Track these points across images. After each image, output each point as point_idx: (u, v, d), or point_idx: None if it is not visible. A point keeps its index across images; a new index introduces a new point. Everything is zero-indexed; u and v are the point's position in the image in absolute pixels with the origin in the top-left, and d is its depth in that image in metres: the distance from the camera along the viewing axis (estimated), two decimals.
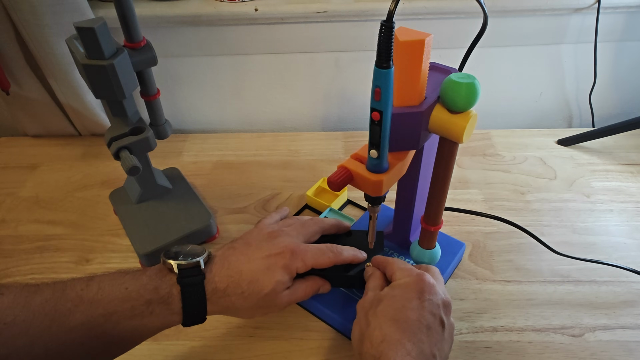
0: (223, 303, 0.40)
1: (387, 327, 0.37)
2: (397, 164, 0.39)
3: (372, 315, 0.39)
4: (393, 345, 0.35)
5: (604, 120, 0.84)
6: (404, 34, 0.33)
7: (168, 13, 0.69)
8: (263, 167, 0.73)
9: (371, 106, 0.33)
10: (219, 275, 0.40)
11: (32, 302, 0.35)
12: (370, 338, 0.37)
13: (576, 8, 0.70)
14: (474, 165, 0.72)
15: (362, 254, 0.47)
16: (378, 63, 0.31)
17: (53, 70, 0.68)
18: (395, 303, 0.39)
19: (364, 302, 0.41)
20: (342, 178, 0.38)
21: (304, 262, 0.43)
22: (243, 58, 0.77)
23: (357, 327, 0.40)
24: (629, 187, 0.67)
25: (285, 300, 0.43)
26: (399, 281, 0.41)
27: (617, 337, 0.48)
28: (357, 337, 0.39)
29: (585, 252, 0.57)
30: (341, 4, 0.69)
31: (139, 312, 0.37)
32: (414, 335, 0.36)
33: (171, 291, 0.38)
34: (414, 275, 0.41)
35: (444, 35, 0.74)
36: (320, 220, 0.50)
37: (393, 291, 0.40)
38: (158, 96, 0.57)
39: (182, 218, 0.59)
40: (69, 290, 0.36)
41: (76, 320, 0.35)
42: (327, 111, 0.85)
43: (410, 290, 0.39)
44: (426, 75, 0.36)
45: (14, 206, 0.67)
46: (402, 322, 0.37)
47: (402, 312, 0.37)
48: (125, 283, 0.38)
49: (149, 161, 0.59)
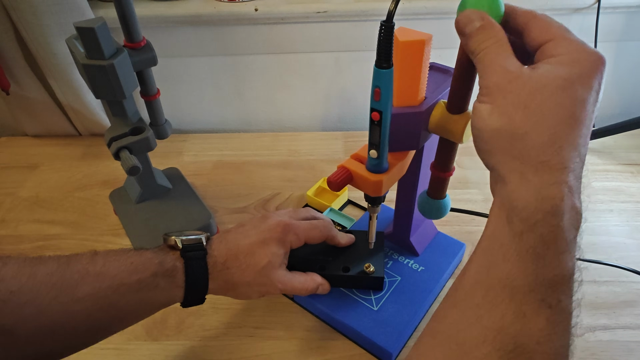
0: (223, 277, 0.41)
1: (561, 128, 0.27)
2: (397, 164, 0.39)
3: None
4: (567, 145, 0.27)
5: (604, 120, 0.83)
6: (404, 34, 0.33)
7: (168, 13, 0.69)
8: (263, 167, 0.73)
9: (371, 106, 0.33)
10: (218, 250, 0.42)
11: (38, 273, 0.34)
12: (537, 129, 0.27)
13: (576, 8, 0.70)
14: (474, 165, 0.72)
15: (351, 237, 0.51)
16: (378, 63, 0.31)
17: (53, 70, 0.68)
18: (575, 94, 0.27)
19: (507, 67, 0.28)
20: (342, 178, 0.38)
21: (297, 235, 0.45)
22: (243, 58, 0.76)
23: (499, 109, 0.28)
24: (629, 187, 0.67)
25: (281, 280, 0.43)
26: (566, 57, 0.28)
27: (617, 337, 0.48)
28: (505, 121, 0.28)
29: (585, 252, 0.57)
30: (341, 4, 0.69)
31: (145, 284, 0.38)
32: (583, 136, 0.28)
33: (175, 264, 0.39)
34: (591, 53, 0.28)
35: (444, 35, 0.73)
36: (312, 210, 0.51)
37: (558, 69, 0.27)
38: (158, 96, 0.57)
39: (182, 218, 0.59)
40: (74, 263, 0.36)
41: (83, 291, 0.35)
42: (327, 111, 0.85)
43: (586, 76, 0.27)
44: (426, 75, 0.36)
45: (14, 206, 0.67)
46: (578, 121, 0.27)
47: (581, 109, 0.27)
48: (131, 258, 0.38)
49: (149, 161, 0.59)
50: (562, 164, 0.26)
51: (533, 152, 0.27)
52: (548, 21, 0.30)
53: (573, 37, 0.29)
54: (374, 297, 0.49)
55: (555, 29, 0.30)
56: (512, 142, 0.28)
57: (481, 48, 0.30)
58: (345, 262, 0.49)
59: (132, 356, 0.47)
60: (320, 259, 0.49)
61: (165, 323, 0.50)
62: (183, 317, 0.51)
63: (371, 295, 0.50)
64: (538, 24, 0.30)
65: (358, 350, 0.48)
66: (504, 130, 0.28)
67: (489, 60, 0.29)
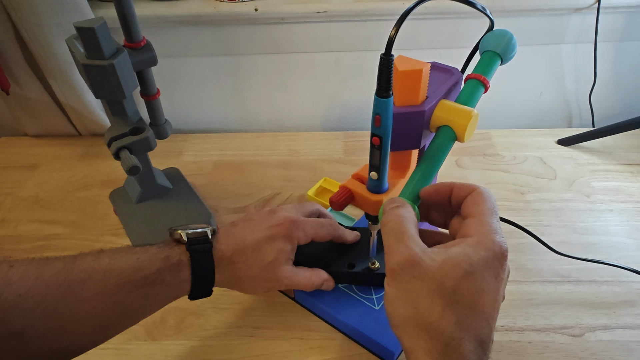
0: (229, 271, 0.41)
1: (464, 314, 0.29)
2: (396, 184, 0.40)
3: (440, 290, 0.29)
4: (467, 334, 0.29)
5: (604, 120, 0.83)
6: (402, 63, 0.35)
7: (168, 13, 0.69)
8: (263, 166, 0.73)
9: (371, 132, 0.35)
10: (225, 244, 0.42)
11: (44, 274, 0.34)
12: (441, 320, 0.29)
13: (576, 8, 0.70)
14: (474, 165, 0.72)
15: (357, 234, 0.50)
16: (378, 92, 0.32)
17: (53, 70, 0.68)
18: (474, 284, 0.29)
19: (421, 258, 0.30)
20: (344, 198, 0.40)
21: (304, 231, 0.45)
22: (243, 58, 0.76)
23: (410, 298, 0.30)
24: (629, 187, 0.67)
25: (287, 275, 0.43)
26: (475, 239, 0.30)
27: (617, 337, 0.48)
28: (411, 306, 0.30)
29: (586, 252, 0.57)
30: (341, 4, 0.69)
31: (151, 280, 0.38)
32: (486, 324, 0.29)
33: (181, 258, 0.39)
34: (495, 243, 0.30)
35: (444, 35, 0.74)
36: (317, 204, 0.51)
37: (471, 264, 0.29)
38: (158, 96, 0.57)
39: (182, 218, 0.59)
40: (80, 262, 0.36)
41: (90, 290, 0.35)
42: (327, 111, 0.85)
43: (489, 267, 0.29)
44: (425, 95, 0.37)
45: (14, 206, 0.66)
46: (479, 310, 0.29)
47: (480, 298, 0.29)
48: (136, 254, 0.38)
49: (149, 161, 0.59)
50: (463, 356, 0.28)
51: (437, 340, 0.28)
52: (482, 198, 0.33)
53: (491, 221, 0.31)
54: (375, 296, 0.49)
55: (481, 208, 0.32)
56: (417, 330, 0.29)
57: (385, 222, 0.33)
58: (350, 259, 0.49)
59: (131, 356, 0.47)
60: (325, 256, 0.50)
61: (165, 323, 0.50)
62: (183, 317, 0.51)
63: (372, 295, 0.50)
64: (472, 198, 0.33)
65: (359, 349, 0.48)
66: (410, 318, 0.30)
67: (394, 240, 0.31)
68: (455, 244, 0.31)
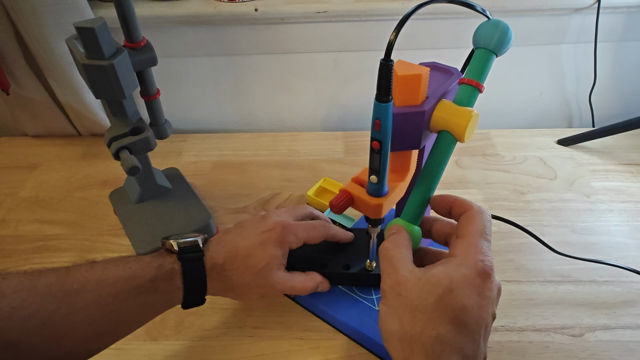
0: (222, 278, 0.42)
1: (444, 329, 0.30)
2: (396, 187, 0.40)
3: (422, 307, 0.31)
4: (448, 347, 0.30)
5: (604, 120, 0.84)
6: (402, 68, 0.35)
7: (168, 13, 0.69)
8: (263, 167, 0.73)
9: (371, 136, 0.35)
10: (216, 252, 0.42)
11: (38, 285, 0.35)
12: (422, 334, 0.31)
13: (576, 8, 0.70)
14: (474, 165, 0.72)
15: (350, 234, 0.50)
16: (378, 97, 0.32)
17: (53, 70, 0.68)
18: (454, 300, 0.31)
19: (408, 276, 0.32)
20: (344, 201, 0.40)
21: (296, 235, 0.45)
22: (243, 58, 0.76)
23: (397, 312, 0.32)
24: (629, 187, 0.67)
25: (280, 281, 0.43)
26: (459, 259, 0.32)
27: (617, 337, 0.48)
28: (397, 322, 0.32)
29: (586, 252, 0.57)
30: (341, 4, 0.69)
31: (145, 289, 0.38)
32: (470, 340, 0.31)
33: (173, 267, 0.40)
34: (479, 264, 0.32)
35: (444, 35, 0.74)
36: (310, 207, 0.52)
37: (451, 281, 0.31)
38: (158, 96, 0.57)
39: (181, 218, 0.59)
40: (74, 273, 0.36)
41: (84, 300, 0.35)
42: (327, 111, 0.85)
43: (470, 285, 0.31)
44: (425, 96, 0.37)
45: (14, 206, 0.66)
46: (462, 326, 0.31)
47: (462, 314, 0.31)
48: (129, 264, 0.39)
49: (149, 161, 0.59)
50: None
51: (418, 353, 0.30)
52: (472, 220, 0.34)
53: (477, 243, 0.33)
54: (375, 296, 0.49)
55: (470, 229, 0.34)
56: (402, 344, 0.31)
57: (381, 248, 0.36)
58: (346, 260, 0.49)
59: (131, 356, 0.47)
60: (320, 257, 0.50)
61: (165, 323, 0.50)
62: (182, 317, 0.51)
63: (372, 295, 0.50)
64: (464, 218, 0.35)
65: (359, 350, 0.48)
66: (396, 332, 0.32)
67: (386, 264, 0.34)
68: (441, 264, 0.33)
